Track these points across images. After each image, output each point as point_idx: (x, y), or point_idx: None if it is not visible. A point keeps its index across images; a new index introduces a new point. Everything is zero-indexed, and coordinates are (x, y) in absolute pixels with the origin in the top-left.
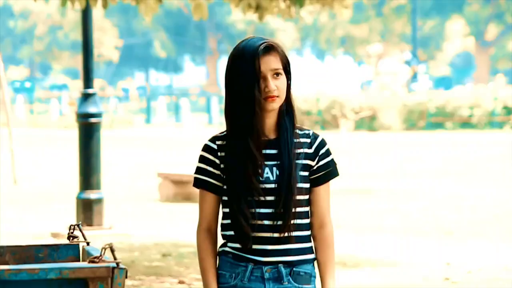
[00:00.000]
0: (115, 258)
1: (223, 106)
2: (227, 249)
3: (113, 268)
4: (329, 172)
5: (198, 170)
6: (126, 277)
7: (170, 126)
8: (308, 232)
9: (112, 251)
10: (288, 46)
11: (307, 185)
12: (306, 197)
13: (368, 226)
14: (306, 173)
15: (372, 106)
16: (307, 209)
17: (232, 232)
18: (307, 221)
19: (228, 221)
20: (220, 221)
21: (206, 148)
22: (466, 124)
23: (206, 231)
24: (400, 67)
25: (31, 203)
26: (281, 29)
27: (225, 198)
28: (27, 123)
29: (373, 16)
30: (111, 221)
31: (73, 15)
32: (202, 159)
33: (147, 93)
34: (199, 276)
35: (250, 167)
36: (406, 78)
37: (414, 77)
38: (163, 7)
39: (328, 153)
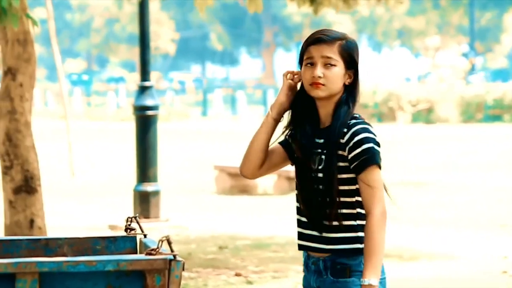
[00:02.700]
0: (172, 251)
1: None
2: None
3: (170, 260)
4: (364, 160)
5: None
6: (183, 270)
7: (226, 118)
8: (351, 222)
9: (169, 243)
10: None
11: (348, 175)
12: (351, 187)
13: (424, 219)
14: (344, 164)
15: (429, 98)
16: (351, 199)
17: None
18: (350, 211)
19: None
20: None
21: None
22: None
23: None
24: (458, 60)
25: (88, 196)
26: (337, 22)
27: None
28: (85, 115)
29: (430, 8)
30: (168, 214)
31: (130, 8)
32: None
33: (204, 86)
34: (256, 269)
35: (302, 156)
36: (464, 70)
37: (472, 69)
38: (219, 0)
39: (362, 142)
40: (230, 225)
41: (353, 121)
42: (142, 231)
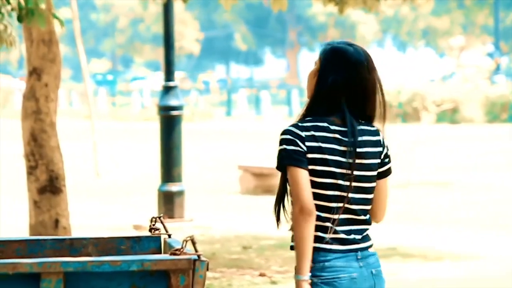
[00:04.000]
0: (196, 251)
1: (303, 98)
2: None
3: (195, 260)
4: (276, 162)
5: None
6: (208, 270)
7: (250, 118)
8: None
9: (193, 243)
10: (369, 38)
11: None
12: None
13: (448, 219)
14: None
15: (454, 98)
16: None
17: None
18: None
19: None
20: None
21: None
22: None
23: None
24: (483, 60)
25: (113, 196)
26: (362, 22)
27: None
28: (109, 115)
29: (454, 8)
30: (192, 214)
31: (155, 8)
32: None
33: (228, 86)
34: (280, 269)
35: None
36: (489, 70)
37: (497, 69)
38: (244, 0)
39: (278, 145)
40: (254, 225)
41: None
42: (167, 231)
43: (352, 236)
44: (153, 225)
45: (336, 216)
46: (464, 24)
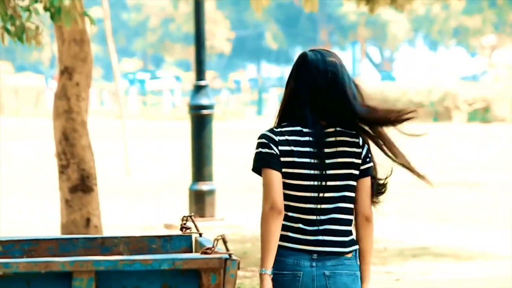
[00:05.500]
0: (227, 250)
1: None
2: None
3: (226, 259)
4: None
5: None
6: (239, 269)
7: None
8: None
9: (225, 242)
10: (401, 37)
11: None
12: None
13: (481, 219)
14: None
15: (485, 97)
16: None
17: None
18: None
19: None
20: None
21: None
22: None
23: None
24: None
25: (144, 195)
26: (393, 21)
27: None
28: (140, 114)
29: (486, 7)
30: (223, 213)
31: (186, 7)
32: None
33: (259, 85)
34: None
35: None
36: None
37: None
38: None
39: None
40: None
41: None
42: (198, 230)
43: (317, 237)
44: (184, 224)
45: (312, 217)
46: (495, 23)
